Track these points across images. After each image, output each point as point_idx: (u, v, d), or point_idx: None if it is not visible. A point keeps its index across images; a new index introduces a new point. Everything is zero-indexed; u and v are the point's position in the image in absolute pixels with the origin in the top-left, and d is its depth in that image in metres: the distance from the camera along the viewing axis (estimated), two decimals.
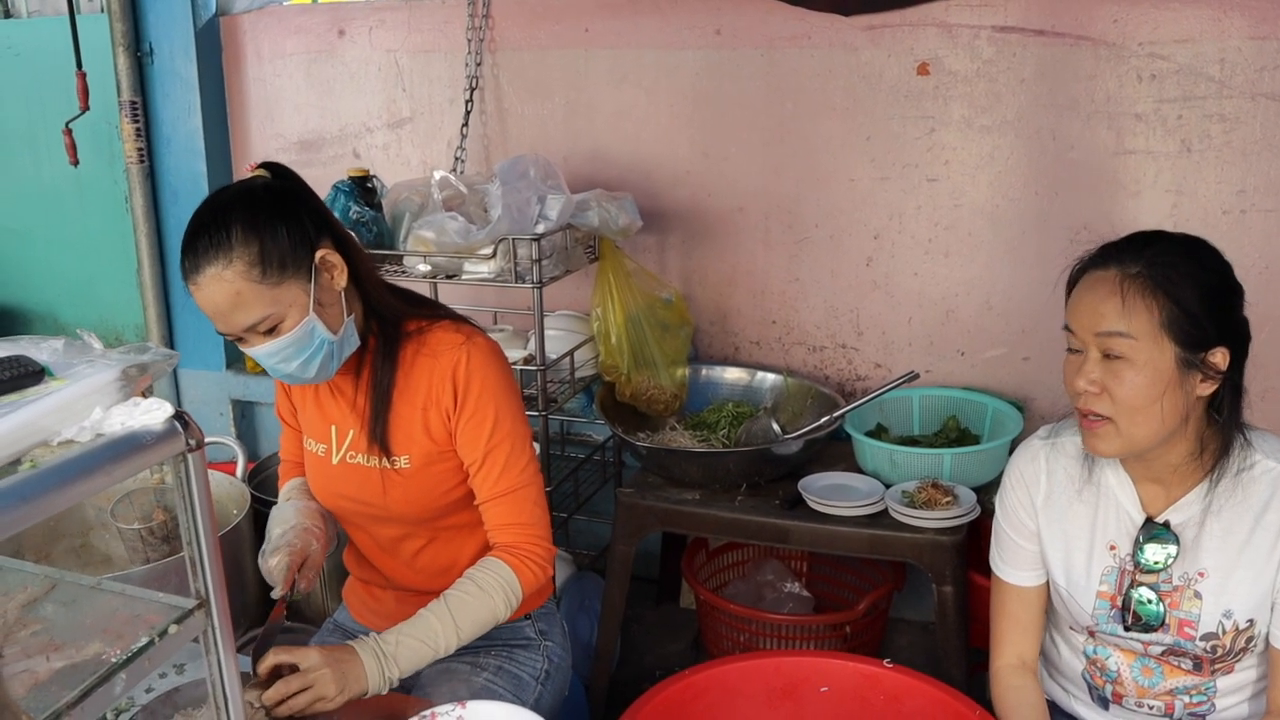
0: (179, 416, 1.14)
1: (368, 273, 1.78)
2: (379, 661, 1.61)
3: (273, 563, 1.73)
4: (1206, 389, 1.52)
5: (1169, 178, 2.53)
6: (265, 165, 1.72)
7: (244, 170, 3.53)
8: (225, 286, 1.58)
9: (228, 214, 1.60)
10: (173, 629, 1.16)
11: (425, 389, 1.78)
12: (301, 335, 1.65)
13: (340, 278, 1.70)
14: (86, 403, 1.11)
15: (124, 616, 1.20)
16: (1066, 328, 1.57)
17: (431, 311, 1.87)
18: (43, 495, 1.00)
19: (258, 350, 1.66)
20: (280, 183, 1.70)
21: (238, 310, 1.60)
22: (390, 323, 1.80)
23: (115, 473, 1.09)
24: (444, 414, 1.78)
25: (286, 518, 1.84)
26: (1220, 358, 1.50)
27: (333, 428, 1.87)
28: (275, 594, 1.72)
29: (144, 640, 1.12)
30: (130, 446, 1.10)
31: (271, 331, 1.64)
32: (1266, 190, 2.47)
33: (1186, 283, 1.49)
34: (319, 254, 1.66)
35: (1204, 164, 2.50)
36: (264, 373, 3.53)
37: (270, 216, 1.61)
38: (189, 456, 1.15)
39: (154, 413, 1.13)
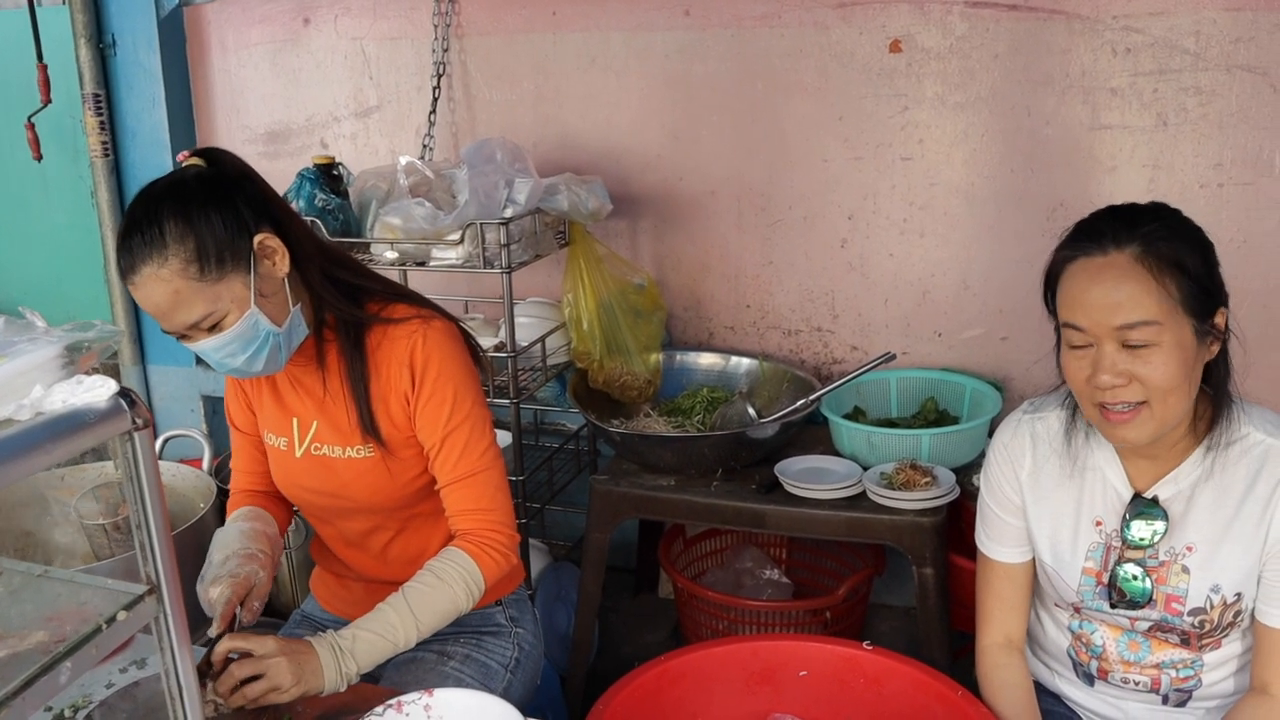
0: (125, 394, 1.10)
1: (308, 257, 1.70)
2: (335, 656, 1.57)
3: (213, 594, 1.64)
4: (1212, 354, 1.49)
5: (1145, 152, 2.51)
6: (199, 153, 1.64)
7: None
8: (163, 286, 1.54)
9: (159, 209, 1.54)
10: (121, 615, 1.11)
11: (385, 374, 1.74)
12: (245, 329, 1.60)
13: (282, 264, 1.64)
14: (26, 379, 1.07)
15: (71, 605, 1.15)
16: (1068, 325, 1.48)
17: (384, 291, 1.80)
18: None
19: (202, 346, 1.61)
20: (213, 170, 1.62)
21: (178, 309, 1.56)
22: (345, 310, 1.73)
23: (56, 451, 1.04)
24: (403, 398, 1.74)
25: (229, 542, 1.75)
26: (1221, 318, 1.49)
27: (294, 420, 1.82)
28: (212, 632, 1.61)
29: (90, 627, 1.08)
30: (72, 425, 1.06)
31: (214, 328, 1.59)
32: (1244, 163, 2.45)
33: (1189, 252, 1.45)
34: (256, 239, 1.60)
35: (1180, 138, 2.48)
36: None
37: (203, 207, 1.55)
38: (135, 435, 1.11)
39: (98, 390, 1.09)
